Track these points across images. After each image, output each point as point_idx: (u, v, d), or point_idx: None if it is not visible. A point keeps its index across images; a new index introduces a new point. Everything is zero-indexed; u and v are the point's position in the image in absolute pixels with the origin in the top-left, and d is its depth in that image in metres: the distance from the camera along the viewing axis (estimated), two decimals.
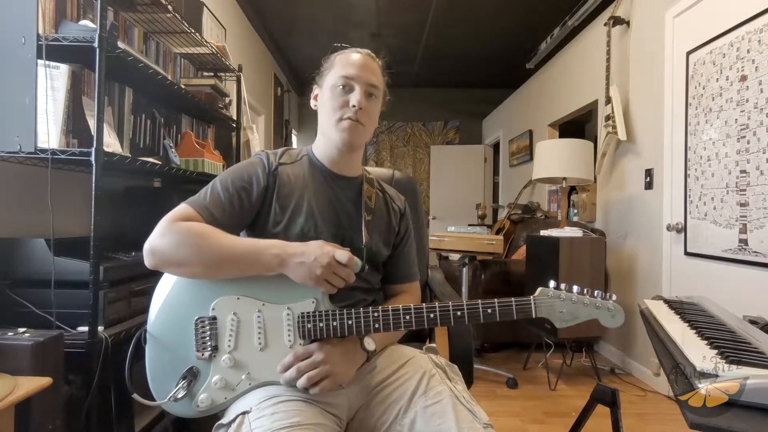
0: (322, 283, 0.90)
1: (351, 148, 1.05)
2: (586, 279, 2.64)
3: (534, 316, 0.92)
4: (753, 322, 1.07)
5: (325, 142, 1.07)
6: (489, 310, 0.91)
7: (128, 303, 1.36)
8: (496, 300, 0.92)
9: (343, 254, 0.89)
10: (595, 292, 0.93)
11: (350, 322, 0.91)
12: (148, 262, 0.91)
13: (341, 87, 1.02)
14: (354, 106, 1.00)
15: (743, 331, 0.93)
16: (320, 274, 0.88)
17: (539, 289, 0.92)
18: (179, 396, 0.89)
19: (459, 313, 0.92)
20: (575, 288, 0.93)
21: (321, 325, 0.91)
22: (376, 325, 0.92)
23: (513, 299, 0.92)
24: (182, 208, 0.96)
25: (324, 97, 1.05)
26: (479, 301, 0.92)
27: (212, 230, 0.92)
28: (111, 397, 1.27)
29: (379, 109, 1.09)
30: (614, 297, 0.93)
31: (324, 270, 0.88)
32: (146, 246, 0.90)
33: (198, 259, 0.90)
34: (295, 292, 0.93)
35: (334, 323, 0.91)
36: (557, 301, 0.91)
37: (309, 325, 0.91)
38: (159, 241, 0.90)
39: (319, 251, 0.89)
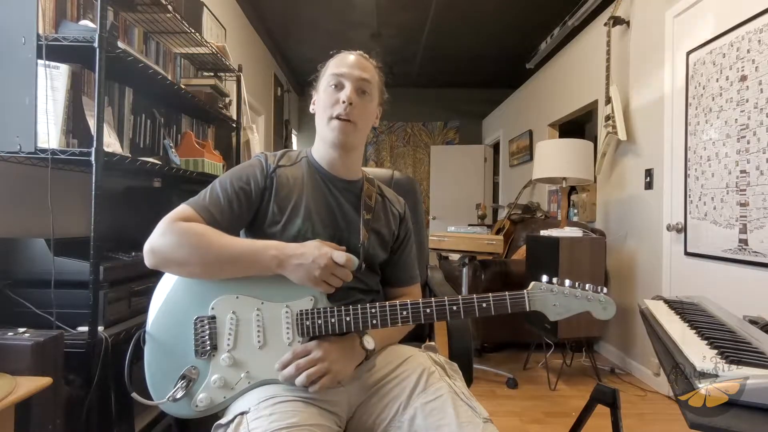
0: (321, 283, 0.91)
1: (345, 147, 1.05)
2: (586, 279, 2.60)
3: (528, 309, 0.93)
4: (753, 322, 1.07)
5: (323, 144, 1.08)
6: (484, 305, 0.93)
7: (128, 303, 1.36)
8: (490, 294, 0.93)
9: (340, 255, 0.91)
10: (587, 285, 0.95)
11: (348, 318, 0.92)
12: (148, 261, 0.91)
13: (333, 86, 1.03)
14: (344, 102, 1.00)
15: (743, 331, 0.93)
16: (318, 275, 0.90)
17: (532, 283, 0.94)
18: (178, 396, 0.89)
19: (455, 307, 0.93)
20: (567, 282, 0.95)
21: (319, 322, 0.92)
22: (374, 321, 0.92)
23: (507, 293, 0.93)
24: (182, 208, 0.96)
25: (319, 100, 1.07)
26: (474, 295, 0.94)
27: (212, 231, 0.93)
28: (111, 397, 1.27)
29: (373, 106, 1.08)
30: (605, 290, 0.94)
31: (322, 271, 0.89)
32: (146, 246, 0.91)
33: (198, 259, 0.90)
34: (294, 290, 0.93)
35: (332, 320, 0.92)
36: (549, 294, 0.93)
37: (307, 323, 0.92)
38: (159, 240, 0.90)
39: (316, 252, 0.90)
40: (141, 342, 0.93)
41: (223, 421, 0.87)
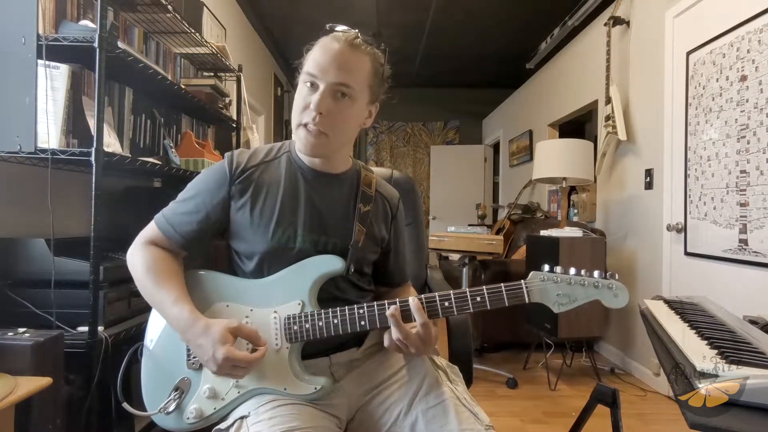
0: (222, 375, 0.87)
1: (318, 156, 0.95)
2: None
3: (527, 301, 0.86)
4: (753, 322, 1.07)
5: None
6: (478, 298, 0.87)
7: (128, 303, 1.36)
8: (484, 287, 0.87)
9: (242, 357, 0.83)
10: (594, 272, 0.85)
11: (336, 321, 0.90)
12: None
13: (308, 85, 0.90)
14: (312, 111, 0.88)
15: (743, 331, 0.93)
16: (216, 371, 0.84)
17: (531, 273, 0.87)
18: (170, 409, 0.89)
19: (447, 303, 0.88)
20: (571, 270, 0.86)
21: (307, 326, 0.90)
22: (362, 322, 0.89)
23: (503, 284, 0.86)
24: (152, 231, 0.98)
25: (296, 94, 0.94)
26: (467, 289, 0.87)
27: (158, 272, 0.92)
28: (111, 397, 1.27)
29: (356, 109, 0.93)
30: (616, 276, 0.85)
31: (219, 369, 0.83)
32: (127, 259, 0.97)
33: (144, 296, 0.94)
34: (283, 295, 0.92)
35: (320, 323, 0.90)
36: (551, 284, 0.85)
37: (295, 327, 0.90)
38: (130, 267, 0.96)
39: (211, 351, 0.83)
40: (138, 355, 0.94)
41: (222, 426, 0.87)
